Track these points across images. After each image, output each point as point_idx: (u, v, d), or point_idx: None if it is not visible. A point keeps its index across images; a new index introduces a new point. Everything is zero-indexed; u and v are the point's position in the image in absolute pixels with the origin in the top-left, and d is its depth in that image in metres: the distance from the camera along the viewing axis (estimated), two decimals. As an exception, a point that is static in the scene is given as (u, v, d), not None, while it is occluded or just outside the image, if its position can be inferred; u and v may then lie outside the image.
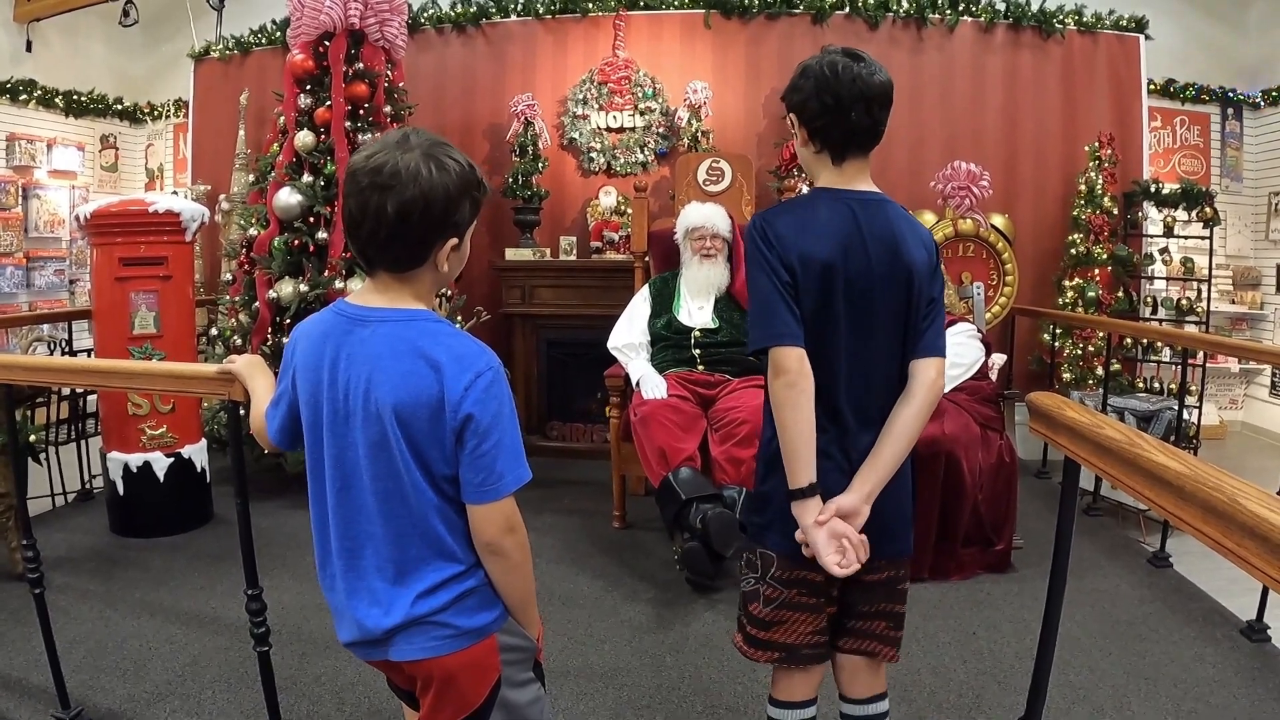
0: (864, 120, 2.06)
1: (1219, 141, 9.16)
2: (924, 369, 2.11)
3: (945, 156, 6.71)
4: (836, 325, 2.05)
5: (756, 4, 7.08)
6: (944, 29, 7.16)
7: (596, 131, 7.20)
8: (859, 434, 2.09)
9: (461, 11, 7.30)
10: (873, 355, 2.09)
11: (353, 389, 1.68)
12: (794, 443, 2.00)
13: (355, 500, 1.72)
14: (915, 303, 2.10)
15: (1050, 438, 2.14)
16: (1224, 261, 8.61)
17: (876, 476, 2.04)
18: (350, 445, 1.70)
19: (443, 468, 1.67)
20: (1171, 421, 5.58)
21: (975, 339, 4.92)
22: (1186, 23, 8.56)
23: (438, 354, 1.64)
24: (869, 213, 2.08)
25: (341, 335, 1.71)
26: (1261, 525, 1.28)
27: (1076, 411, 2.05)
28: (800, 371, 1.99)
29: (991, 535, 4.55)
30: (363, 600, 1.74)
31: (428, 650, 1.72)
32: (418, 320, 1.69)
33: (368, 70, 5.74)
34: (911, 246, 2.09)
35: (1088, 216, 6.84)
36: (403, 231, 1.63)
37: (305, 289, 5.48)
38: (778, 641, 2.19)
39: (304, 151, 5.64)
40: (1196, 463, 1.57)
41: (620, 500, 5.15)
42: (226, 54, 8.06)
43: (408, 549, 1.71)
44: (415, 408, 1.63)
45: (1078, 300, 6.77)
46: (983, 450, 4.55)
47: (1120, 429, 1.86)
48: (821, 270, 2.03)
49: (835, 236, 2.05)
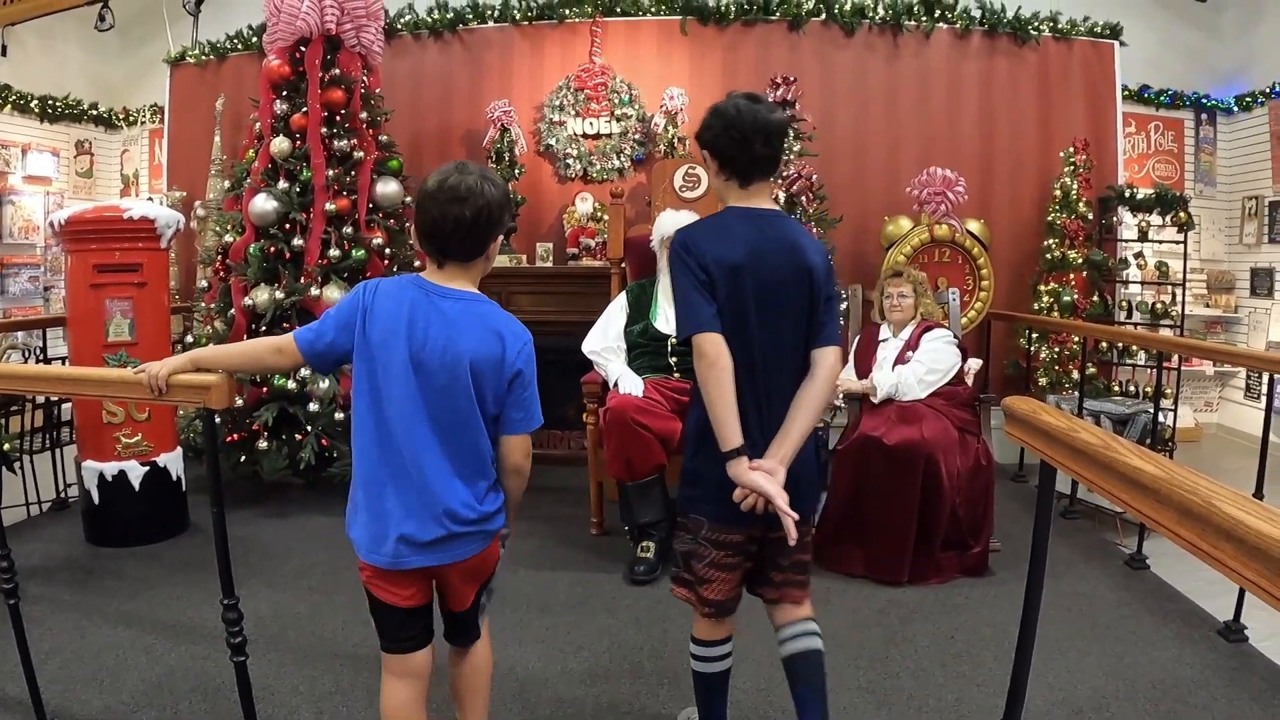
0: (764, 151, 2.51)
1: (1193, 147, 9.24)
2: (824, 355, 2.53)
3: (921, 162, 6.73)
4: (748, 319, 2.47)
5: (733, 11, 7.11)
6: (920, 35, 7.19)
7: (573, 138, 7.20)
8: (771, 410, 2.49)
9: (438, 18, 7.29)
10: (780, 344, 2.51)
11: (431, 342, 2.24)
12: (722, 413, 2.40)
13: (424, 429, 2.25)
14: (815, 300, 2.53)
15: (1026, 442, 2.16)
16: (1198, 265, 8.68)
17: (789, 444, 2.43)
18: (423, 384, 2.25)
19: (492, 408, 2.30)
20: (1147, 425, 5.62)
21: (952, 344, 4.94)
22: (1161, 28, 8.63)
23: (500, 327, 2.30)
24: (772, 225, 2.54)
25: (425, 302, 2.28)
26: (1237, 528, 1.28)
27: (1052, 416, 2.06)
28: (719, 354, 2.40)
29: (969, 538, 4.58)
30: (433, 511, 2.27)
31: (475, 549, 2.34)
32: (482, 302, 2.33)
33: (344, 76, 5.72)
34: (810, 253, 2.54)
35: (1063, 222, 6.88)
36: (474, 231, 2.26)
37: (281, 296, 5.47)
38: (710, 599, 2.64)
39: (280, 158, 5.64)
40: (1171, 466, 1.57)
41: (598, 507, 5.15)
42: (203, 59, 8.01)
43: (463, 465, 2.29)
44: (484, 362, 2.26)
45: (1053, 305, 6.80)
46: (960, 454, 4.57)
47: (1095, 433, 1.87)
48: (732, 271, 2.45)
49: (744, 244, 2.48)
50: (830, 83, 7.16)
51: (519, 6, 7.26)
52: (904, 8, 7.13)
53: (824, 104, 7.05)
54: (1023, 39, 7.20)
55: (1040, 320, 6.69)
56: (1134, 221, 7.11)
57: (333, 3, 5.64)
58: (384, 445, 2.28)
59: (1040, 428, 2.05)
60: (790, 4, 7.09)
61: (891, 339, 5.04)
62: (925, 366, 4.80)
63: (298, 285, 5.48)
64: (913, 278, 5.12)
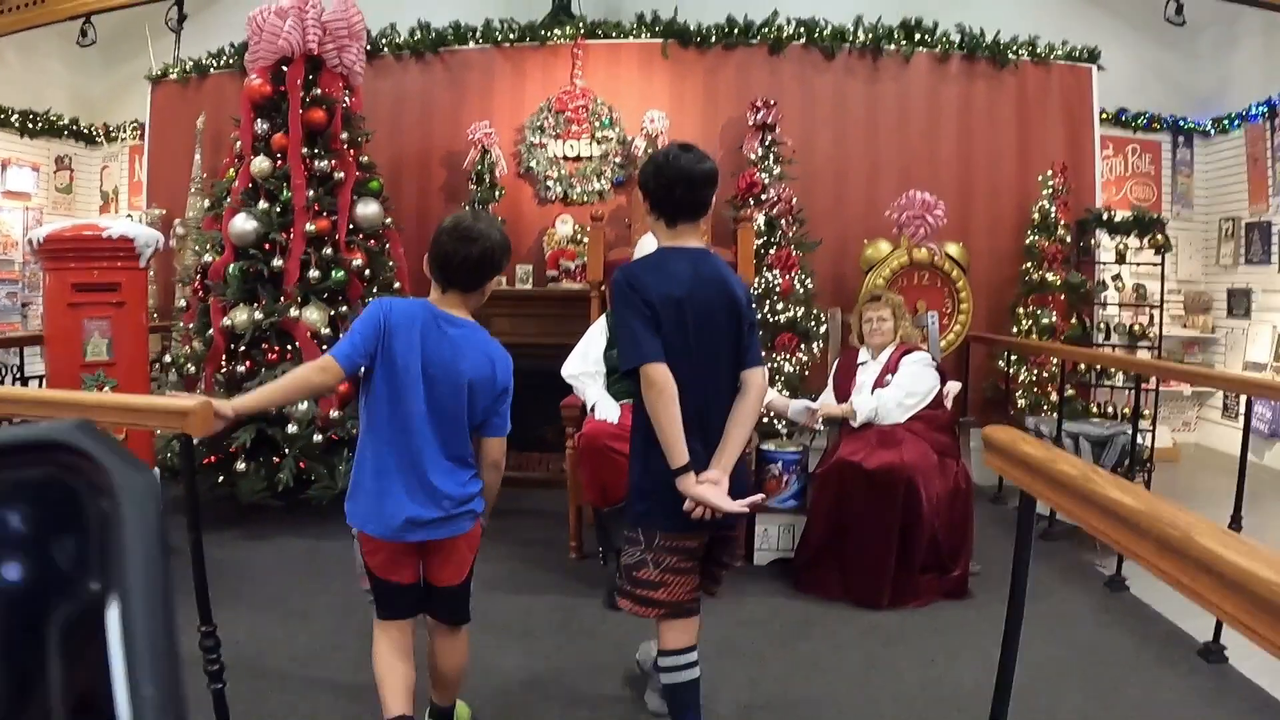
0: (686, 196, 2.78)
1: (1170, 169, 9.31)
2: (753, 375, 2.83)
3: (901, 186, 6.76)
4: (689, 348, 2.72)
5: (714, 34, 7.14)
6: (900, 59, 7.24)
7: (554, 160, 7.20)
8: (710, 426, 2.76)
9: (420, 38, 7.30)
10: (715, 367, 2.79)
11: (438, 360, 2.72)
12: (670, 434, 2.64)
13: (424, 426, 2.72)
14: (741, 327, 2.82)
15: (1006, 471, 2.16)
16: (1175, 287, 8.75)
17: (729, 455, 2.73)
18: (429, 394, 2.72)
19: (479, 416, 2.81)
20: (1126, 446, 5.65)
21: (930, 368, 4.96)
22: (1138, 52, 8.70)
23: (491, 353, 2.81)
24: (703, 262, 2.81)
25: (434, 326, 2.74)
26: (1216, 561, 1.28)
27: (1031, 446, 2.06)
28: (666, 381, 2.64)
29: (948, 562, 4.59)
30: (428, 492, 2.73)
31: (465, 527, 2.82)
32: (478, 330, 2.82)
33: (325, 96, 5.72)
34: (735, 285, 2.84)
35: (1041, 245, 6.91)
36: (478, 268, 2.75)
37: (260, 316, 5.44)
38: (664, 600, 2.80)
39: (260, 177, 5.62)
40: (1150, 497, 1.58)
41: (576, 531, 5.14)
42: (184, 76, 7.99)
43: (453, 458, 2.77)
44: (480, 381, 2.76)
45: (1032, 327, 6.83)
46: (940, 477, 4.59)
47: (1075, 463, 1.87)
48: (675, 305, 2.70)
49: (683, 280, 2.73)
50: (811, 106, 7.20)
51: (500, 28, 7.27)
52: (884, 32, 7.17)
53: (804, 127, 7.09)
54: (1001, 63, 7.26)
55: (1019, 343, 6.73)
56: (1112, 244, 7.16)
57: (315, 22, 5.65)
58: (395, 442, 2.74)
59: (1019, 458, 2.05)
60: (771, 28, 7.14)
61: (870, 362, 5.04)
62: (904, 390, 4.80)
63: (277, 306, 5.46)
64: (891, 301, 5.13)
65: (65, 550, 0.49)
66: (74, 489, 0.50)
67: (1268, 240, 8.51)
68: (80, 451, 0.50)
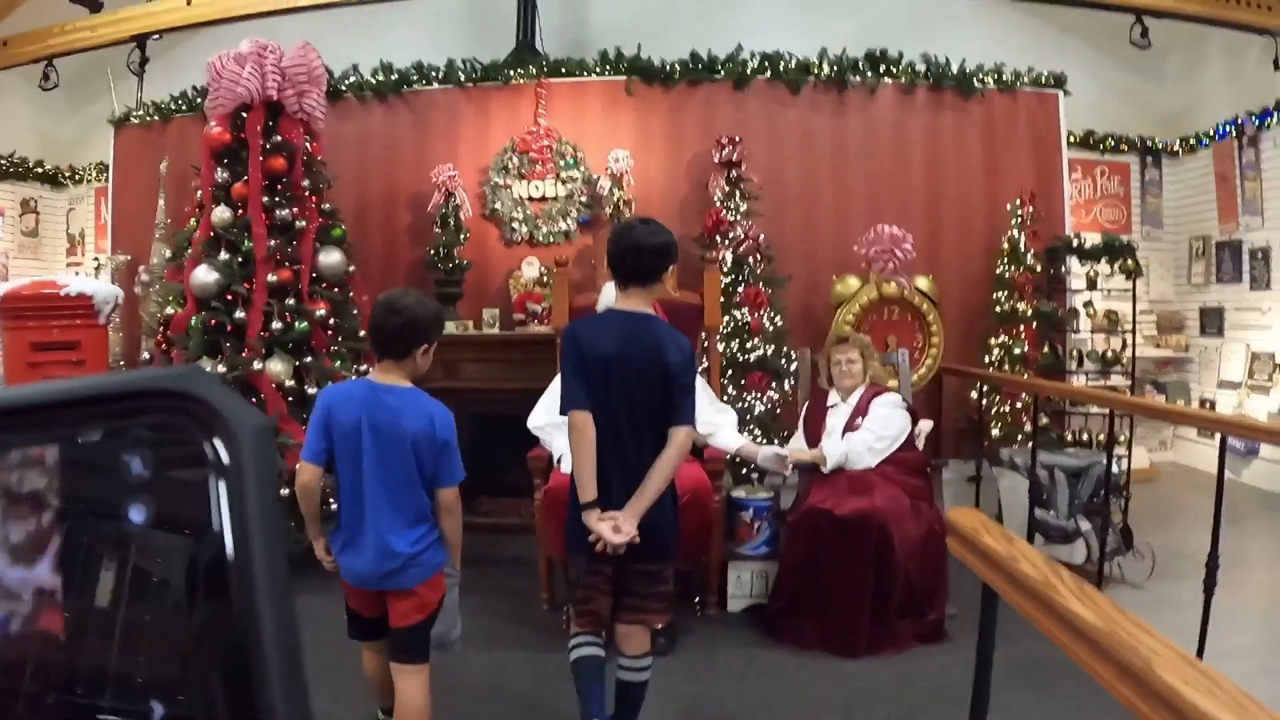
0: (637, 264, 3.19)
1: (1139, 190, 9.36)
2: (675, 433, 3.13)
3: (869, 219, 6.71)
4: (613, 400, 3.12)
5: (678, 71, 7.10)
6: (865, 91, 7.20)
7: (518, 201, 7.13)
8: (630, 473, 3.12)
9: (383, 80, 7.23)
10: (639, 421, 3.14)
11: (382, 427, 3.00)
12: (582, 473, 3.12)
13: (377, 488, 3.00)
14: (671, 388, 3.14)
15: (967, 560, 2.12)
16: (1148, 307, 8.75)
17: (643, 502, 3.08)
18: (379, 456, 3.00)
19: (429, 469, 3.05)
20: (1101, 476, 5.62)
21: (901, 409, 4.92)
22: (1104, 74, 8.74)
23: (430, 411, 3.06)
24: (640, 326, 3.19)
25: (373, 397, 3.05)
26: (1176, 698, 1.24)
27: (993, 539, 2.01)
28: (585, 426, 3.10)
29: (924, 606, 4.54)
30: (381, 550, 3.00)
31: (416, 580, 3.04)
32: (415, 392, 3.10)
33: (286, 143, 5.65)
34: (668, 351, 3.15)
35: (1012, 274, 6.89)
36: (402, 336, 3.05)
37: (223, 370, 5.34)
38: (592, 611, 3.34)
39: (221, 228, 5.54)
40: (1113, 613, 1.53)
41: (547, 581, 5.05)
42: (147, 120, 7.89)
43: (407, 514, 3.03)
44: (421, 437, 3.00)
45: (1004, 358, 6.80)
46: (913, 522, 4.55)
47: (1037, 564, 1.82)
48: (603, 362, 3.11)
49: (615, 341, 3.14)
50: (777, 141, 7.15)
51: (463, 67, 7.22)
52: (849, 64, 7.13)
53: (771, 162, 7.04)
54: (968, 92, 7.23)
55: (991, 376, 6.71)
56: (1082, 271, 7.15)
57: (274, 68, 5.57)
58: (353, 506, 3.06)
59: (981, 549, 2.01)
60: (735, 62, 7.10)
61: (840, 405, 5.00)
62: (875, 434, 4.76)
63: (240, 359, 5.36)
64: (859, 342, 5.09)
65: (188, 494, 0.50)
66: (194, 433, 0.50)
67: (1239, 258, 8.55)
68: (197, 398, 0.50)
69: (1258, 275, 8.32)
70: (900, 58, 7.19)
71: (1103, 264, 7.06)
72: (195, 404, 0.50)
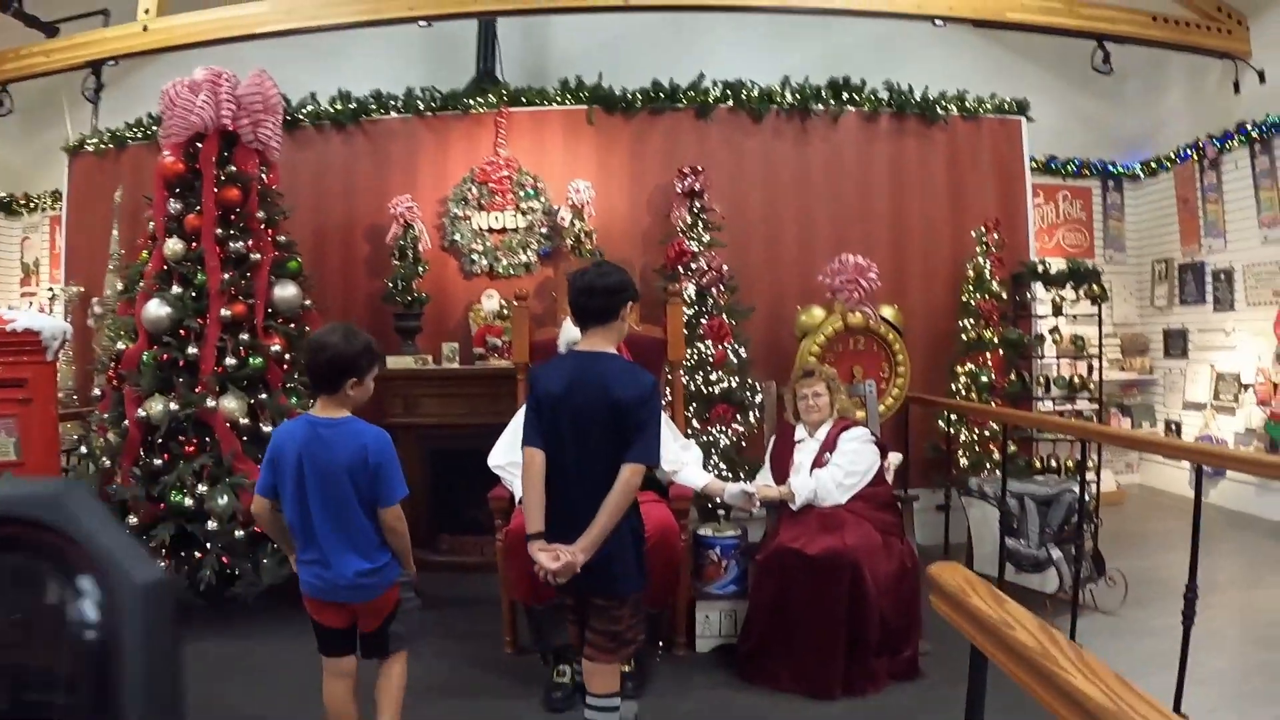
0: (587, 303, 3.38)
1: (1101, 214, 9.41)
2: (623, 470, 3.23)
3: (834, 247, 6.68)
4: (564, 437, 3.31)
5: (640, 100, 7.04)
6: (828, 119, 7.18)
7: (478, 232, 7.03)
8: (577, 508, 3.26)
9: (340, 108, 7.13)
10: (588, 457, 3.28)
11: (319, 460, 3.20)
12: (529, 505, 3.34)
13: (323, 519, 3.21)
14: (622, 425, 3.25)
15: (955, 622, 2.03)
16: (1111, 330, 8.76)
17: (591, 537, 3.21)
18: (320, 488, 3.20)
19: (367, 493, 3.23)
20: (1072, 504, 5.59)
21: (869, 443, 4.85)
22: (1065, 99, 8.79)
23: (364, 438, 3.25)
24: (593, 365, 3.35)
25: (311, 433, 3.25)
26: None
27: (983, 600, 1.93)
28: (534, 462, 3.34)
29: (898, 643, 4.46)
30: (336, 573, 3.23)
31: (372, 595, 3.31)
32: (350, 422, 3.30)
33: (241, 174, 5.55)
34: (620, 390, 3.26)
35: (978, 302, 6.86)
36: (328, 371, 3.25)
37: (176, 407, 5.21)
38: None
39: (174, 260, 5.42)
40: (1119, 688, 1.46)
41: (510, 624, 4.92)
42: (102, 148, 7.73)
43: (354, 539, 3.24)
44: (356, 466, 3.20)
45: (971, 385, 6.76)
46: (885, 558, 4.47)
47: (1033, 631, 1.74)
48: (554, 401, 3.33)
49: (565, 381, 3.33)
50: (740, 170, 7.11)
51: (423, 96, 7.13)
52: (812, 92, 7.11)
53: (734, 191, 7.00)
54: (931, 119, 7.22)
55: (959, 405, 6.68)
56: (1047, 297, 7.14)
57: (229, 97, 5.48)
58: (302, 534, 3.27)
59: (970, 612, 1.92)
60: (697, 91, 7.06)
61: (808, 439, 4.92)
62: (844, 470, 4.68)
63: (193, 396, 5.23)
64: (825, 375, 5.02)
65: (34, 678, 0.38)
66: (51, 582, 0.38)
67: (1201, 280, 8.59)
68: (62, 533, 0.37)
69: (1221, 296, 8.35)
70: (863, 85, 7.18)
71: (1068, 289, 7.07)
72: (59, 541, 0.40)
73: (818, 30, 8.11)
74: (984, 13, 6.96)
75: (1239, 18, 7.81)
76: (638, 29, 8.31)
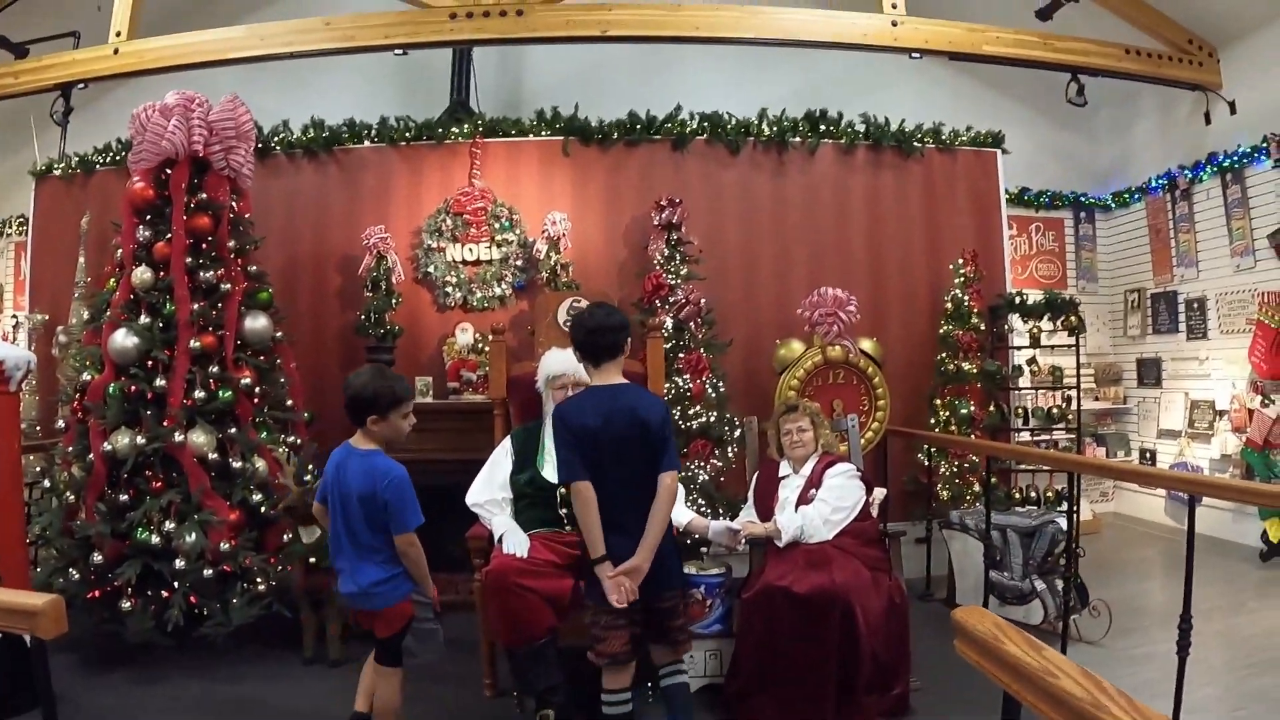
0: (600, 341, 3.71)
1: (1074, 245, 9.48)
2: (662, 478, 3.63)
3: (812, 280, 6.66)
4: (604, 466, 3.60)
5: (616, 131, 7.01)
6: (805, 152, 7.17)
7: (452, 264, 6.94)
8: (626, 527, 3.60)
9: (314, 136, 7.05)
10: (629, 480, 3.62)
11: (342, 486, 3.68)
12: (591, 533, 3.58)
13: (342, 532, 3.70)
14: (653, 443, 3.64)
15: (986, 669, 1.94)
16: (1085, 360, 8.79)
17: (646, 548, 3.57)
18: (341, 507, 3.68)
19: (380, 518, 3.64)
20: (1054, 534, 5.58)
21: (855, 479, 4.78)
22: (1038, 132, 8.86)
23: (377, 473, 3.64)
24: (620, 396, 3.69)
25: (346, 458, 3.73)
26: None
27: (1019, 647, 1.84)
28: (586, 492, 3.56)
29: (889, 680, 4.36)
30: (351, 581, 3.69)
31: (379, 605, 3.70)
32: (372, 455, 3.72)
33: (211, 201, 5.47)
34: (645, 409, 3.66)
35: (956, 334, 6.84)
36: (352, 409, 3.73)
37: (142, 441, 5.08)
38: (607, 652, 3.66)
39: (142, 289, 5.33)
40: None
41: (490, 666, 4.81)
42: (69, 173, 7.59)
43: (366, 555, 3.67)
44: (365, 495, 3.62)
45: (950, 418, 6.73)
46: (874, 595, 4.36)
47: (1078, 679, 1.65)
48: (591, 434, 3.58)
49: (598, 415, 3.61)
50: (717, 202, 7.08)
51: (397, 125, 7.06)
52: (789, 124, 7.11)
53: (711, 224, 6.97)
54: (907, 152, 7.23)
55: (939, 438, 6.65)
56: (1025, 328, 7.14)
57: (201, 122, 5.40)
58: (334, 541, 3.75)
59: (1007, 661, 1.83)
60: (674, 123, 7.03)
61: (793, 476, 4.86)
62: (830, 506, 4.61)
63: (161, 429, 5.11)
64: (809, 410, 4.96)
65: None
66: None
67: (1174, 309, 8.65)
68: None
69: (1194, 325, 8.43)
70: (840, 118, 7.19)
71: (1045, 321, 7.08)
72: None
73: (795, 63, 8.15)
74: (960, 46, 6.99)
75: (1210, 50, 7.90)
76: (614, 60, 8.32)
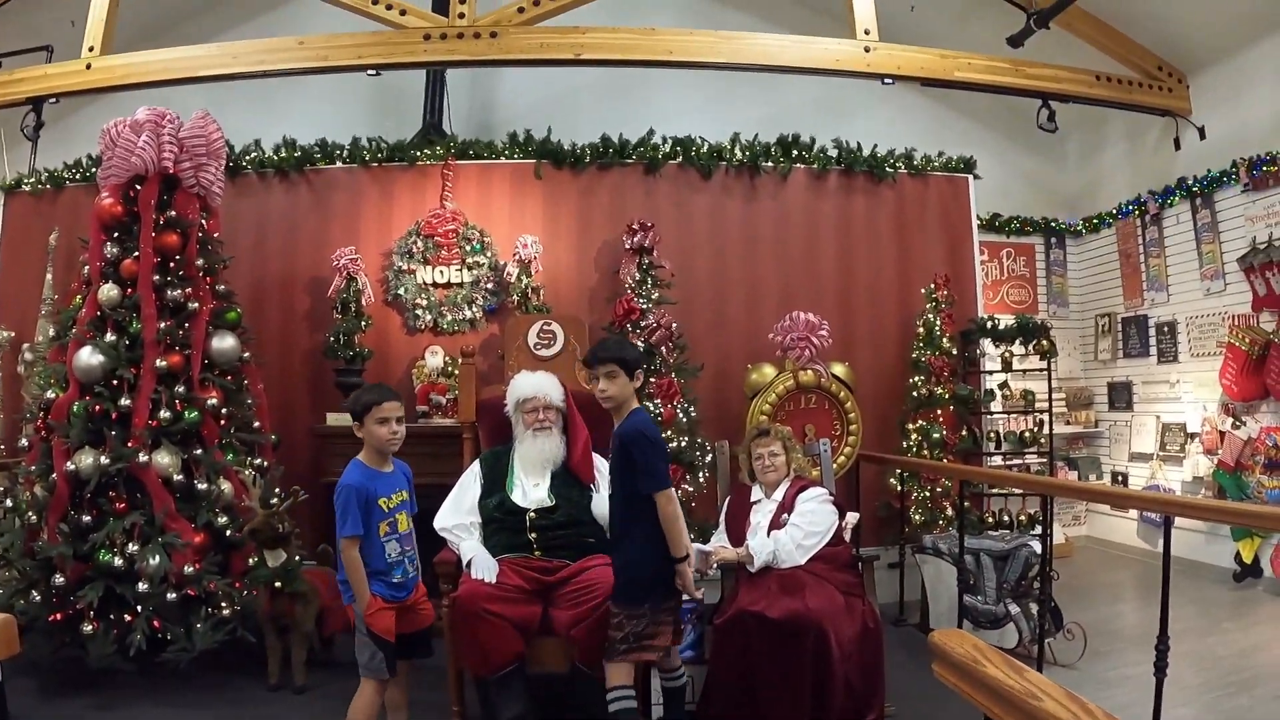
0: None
1: (1044, 269, 9.54)
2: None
3: (783, 304, 6.67)
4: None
5: (588, 154, 7.00)
6: (777, 176, 7.18)
7: (422, 287, 6.89)
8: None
9: (285, 156, 7.00)
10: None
11: None
12: (682, 536, 3.78)
13: None
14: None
15: (965, 692, 1.92)
16: (1057, 385, 8.83)
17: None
18: None
19: None
20: (1028, 558, 5.58)
21: (828, 503, 4.75)
22: (1009, 158, 8.93)
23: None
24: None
25: None
26: None
27: (1000, 669, 1.82)
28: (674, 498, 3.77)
29: (862, 707, 4.30)
30: None
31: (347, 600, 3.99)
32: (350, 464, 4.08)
33: (181, 219, 5.42)
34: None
35: (928, 359, 6.86)
36: None
37: (106, 461, 5.00)
38: (660, 644, 3.87)
39: (108, 306, 5.26)
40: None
41: (458, 694, 4.71)
42: (39, 188, 7.51)
43: None
44: None
45: (922, 442, 6.73)
46: (848, 620, 4.31)
47: (1063, 701, 1.63)
48: None
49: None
50: (689, 226, 7.08)
51: (369, 147, 7.04)
52: (761, 149, 7.12)
53: (682, 248, 6.97)
54: (880, 177, 7.25)
55: (912, 463, 6.63)
56: (996, 352, 7.16)
57: (171, 139, 5.36)
58: None
59: (986, 684, 1.81)
60: (647, 147, 7.03)
61: (765, 500, 4.83)
62: (803, 530, 4.58)
63: (125, 450, 5.03)
64: (780, 434, 4.94)
65: None
66: None
67: (1145, 333, 8.70)
68: None
69: (1165, 349, 8.47)
70: (812, 143, 7.21)
71: (1017, 345, 7.10)
72: None
73: (768, 88, 8.18)
74: (932, 72, 7.00)
75: (1179, 76, 7.97)
76: (587, 84, 8.34)
